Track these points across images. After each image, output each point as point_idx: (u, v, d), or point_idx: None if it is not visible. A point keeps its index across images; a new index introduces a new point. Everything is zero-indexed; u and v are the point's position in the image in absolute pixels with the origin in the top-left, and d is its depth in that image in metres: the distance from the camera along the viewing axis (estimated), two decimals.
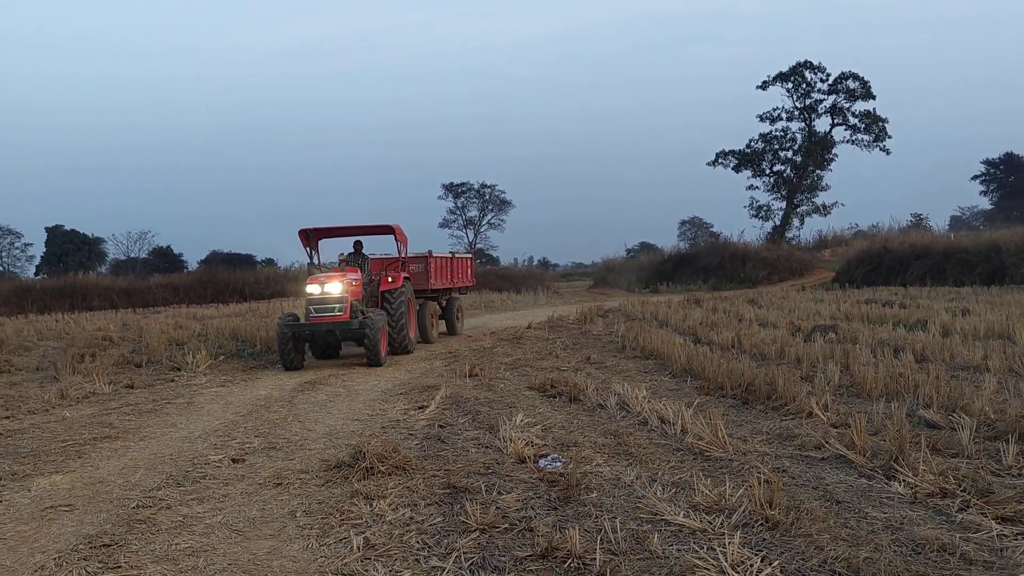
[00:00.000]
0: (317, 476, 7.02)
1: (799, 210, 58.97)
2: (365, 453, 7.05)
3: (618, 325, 19.88)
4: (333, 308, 14.56)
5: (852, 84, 56.29)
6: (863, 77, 56.02)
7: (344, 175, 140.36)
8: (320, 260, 16.85)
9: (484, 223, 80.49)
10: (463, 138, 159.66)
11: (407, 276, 17.30)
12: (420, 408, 9.94)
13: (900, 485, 5.85)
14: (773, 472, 6.21)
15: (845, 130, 57.43)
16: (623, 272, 53.55)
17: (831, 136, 57.64)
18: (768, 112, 58.86)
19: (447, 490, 6.37)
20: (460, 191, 79.32)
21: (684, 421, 8.09)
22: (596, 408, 9.53)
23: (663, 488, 6.09)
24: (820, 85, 57.10)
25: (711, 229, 75.38)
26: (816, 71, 56.86)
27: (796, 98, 58.07)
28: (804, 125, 58.45)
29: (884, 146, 56.62)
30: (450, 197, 79.58)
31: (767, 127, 59.22)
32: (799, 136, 58.55)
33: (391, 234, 17.15)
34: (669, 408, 8.74)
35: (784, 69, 57.48)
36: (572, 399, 10.10)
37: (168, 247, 72.80)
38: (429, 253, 19.64)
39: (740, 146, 59.63)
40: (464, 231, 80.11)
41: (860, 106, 56.67)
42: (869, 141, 56.86)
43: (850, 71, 56.27)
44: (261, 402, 11.26)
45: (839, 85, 56.57)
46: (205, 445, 8.50)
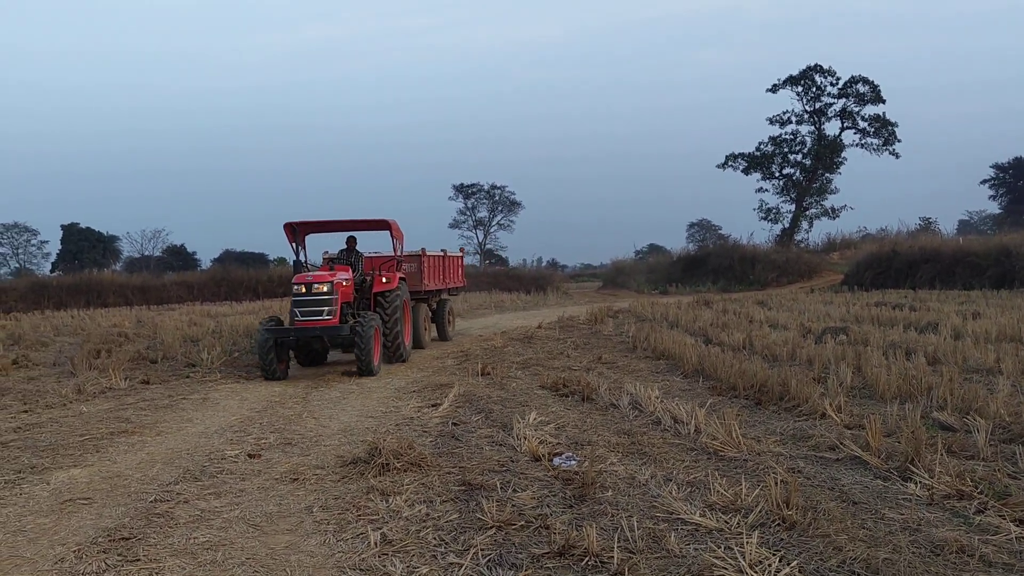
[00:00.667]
0: (333, 472, 7.06)
1: (808, 213, 58.83)
2: (381, 450, 7.09)
3: (629, 325, 19.89)
4: (321, 311, 13.02)
5: (862, 88, 56.09)
6: (873, 81, 55.87)
7: (355, 177, 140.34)
8: (307, 257, 15.21)
9: (494, 224, 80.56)
10: (473, 140, 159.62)
11: (403, 277, 15.93)
12: (433, 406, 9.98)
13: (916, 487, 5.85)
14: (788, 472, 6.22)
15: (855, 134, 57.26)
16: (632, 273, 53.48)
17: (840, 139, 57.48)
18: (778, 115, 58.73)
19: (462, 487, 6.40)
20: (470, 192, 79.38)
21: (698, 421, 8.10)
22: (609, 407, 9.55)
23: (678, 487, 6.11)
24: (830, 89, 56.90)
25: (719, 231, 75.22)
26: (826, 75, 56.69)
27: (806, 101, 57.91)
28: (814, 128, 58.27)
29: (893, 150, 56.44)
30: (460, 198, 79.69)
31: (777, 130, 59.12)
32: (809, 139, 58.40)
33: (386, 230, 15.47)
34: (682, 408, 8.75)
35: (794, 72, 57.39)
36: (585, 398, 10.13)
37: (182, 245, 73.09)
38: (423, 251, 18.15)
39: (750, 149, 59.55)
40: (474, 232, 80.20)
41: (870, 110, 56.50)
42: (878, 145, 56.66)
43: (860, 75, 56.12)
44: (276, 398, 11.32)
45: (849, 89, 56.37)
46: (221, 440, 8.55)
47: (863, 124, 56.66)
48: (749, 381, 10.19)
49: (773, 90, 58.23)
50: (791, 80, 57.35)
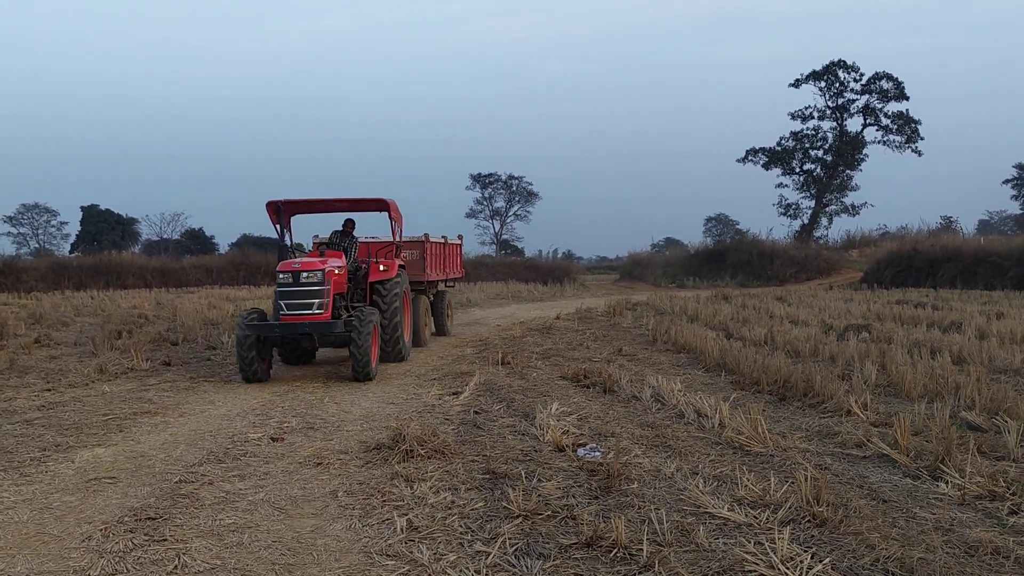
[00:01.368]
0: (356, 457, 7.05)
1: (828, 209, 58.46)
2: (405, 436, 7.07)
3: (647, 318, 19.81)
4: (311, 304, 11.22)
5: (886, 85, 55.59)
6: (897, 78, 55.34)
7: (372, 167, 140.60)
8: (293, 241, 13.46)
9: (510, 214, 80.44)
10: (491, 133, 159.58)
11: (402, 264, 14.15)
12: (454, 394, 9.96)
13: (947, 486, 5.78)
14: (816, 469, 6.16)
15: (877, 131, 56.78)
16: (649, 266, 53.33)
17: (862, 136, 57.02)
18: (800, 110, 58.30)
19: (487, 475, 6.37)
20: (488, 182, 79.27)
21: (722, 415, 8.04)
22: (631, 399, 9.50)
23: (705, 481, 6.06)
24: (853, 85, 56.44)
25: (737, 226, 74.88)
26: (850, 71, 56.20)
27: (828, 97, 57.47)
28: (836, 124, 57.83)
29: (916, 148, 55.94)
30: (477, 187, 79.59)
31: (798, 125, 58.71)
32: (830, 135, 57.96)
33: (384, 211, 13.50)
34: (706, 402, 8.70)
35: (817, 68, 56.90)
36: (606, 390, 10.08)
37: (200, 229, 73.33)
38: (426, 237, 16.41)
39: (771, 144, 59.18)
40: (490, 221, 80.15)
41: (893, 107, 56.01)
42: (901, 142, 56.16)
43: (884, 71, 55.59)
44: (297, 382, 11.34)
45: (872, 85, 55.87)
46: (244, 423, 8.57)
47: (886, 121, 56.20)
48: (772, 376, 10.11)
49: (796, 85, 57.86)
50: (814, 75, 56.92)
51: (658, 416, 8.57)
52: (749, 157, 59.52)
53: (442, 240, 17.71)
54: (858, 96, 56.68)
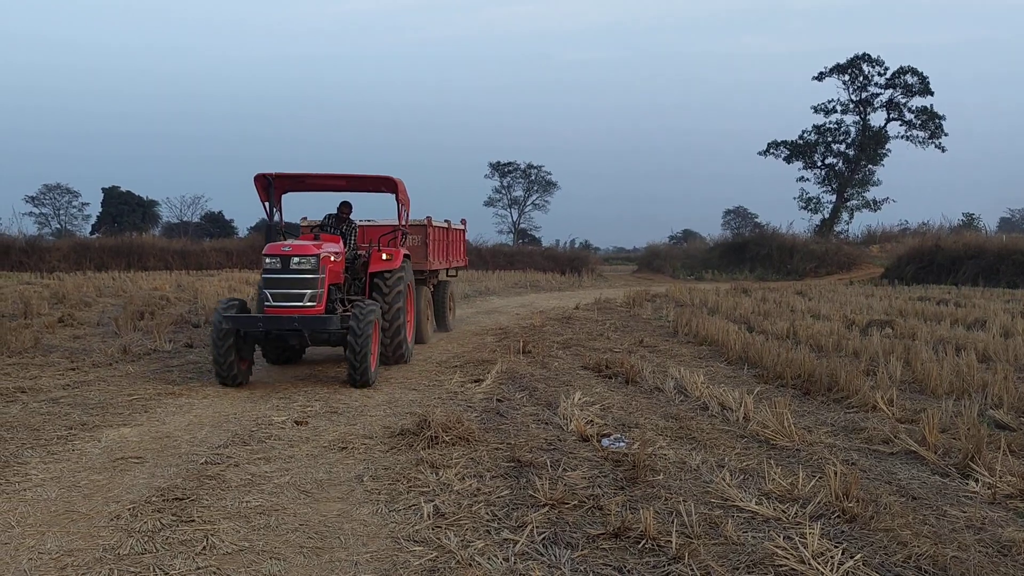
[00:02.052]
0: (381, 442, 7.06)
1: (849, 204, 57.96)
2: (430, 422, 7.08)
3: (667, 310, 19.75)
4: (302, 295, 9.58)
5: (910, 79, 54.93)
6: (922, 72, 54.69)
7: (392, 153, 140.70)
8: (282, 221, 11.73)
9: (529, 203, 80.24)
10: (512, 122, 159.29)
11: (407, 253, 12.39)
12: (476, 382, 9.95)
13: (977, 485, 5.73)
14: (844, 465, 6.12)
15: (900, 125, 56.18)
16: (667, 258, 53.10)
17: (885, 131, 56.42)
18: (823, 104, 57.71)
19: (512, 463, 6.37)
20: (507, 170, 79.06)
21: (747, 408, 8.00)
22: (654, 391, 9.47)
23: (731, 474, 6.03)
24: (877, 79, 55.82)
25: (756, 219, 74.41)
26: (874, 64, 55.55)
27: (852, 91, 56.91)
28: (859, 119, 57.27)
29: (939, 143, 55.36)
30: (496, 176, 79.41)
31: (821, 119, 58.17)
32: (853, 129, 57.40)
33: (391, 191, 11.97)
34: (730, 395, 8.66)
35: (842, 61, 56.35)
36: (628, 380, 10.05)
37: (220, 212, 73.51)
38: (428, 220, 14.72)
39: (792, 137, 58.70)
40: (508, 210, 79.94)
41: (917, 102, 55.40)
42: (925, 138, 55.51)
43: (909, 66, 54.89)
44: (319, 366, 11.37)
45: (897, 79, 55.22)
46: (267, 406, 8.60)
47: (909, 116, 55.61)
48: (796, 371, 10.05)
49: (819, 78, 57.29)
50: (838, 68, 56.33)
51: (682, 408, 8.54)
52: (770, 150, 59.09)
53: (445, 225, 16.13)
54: (882, 90, 56.09)
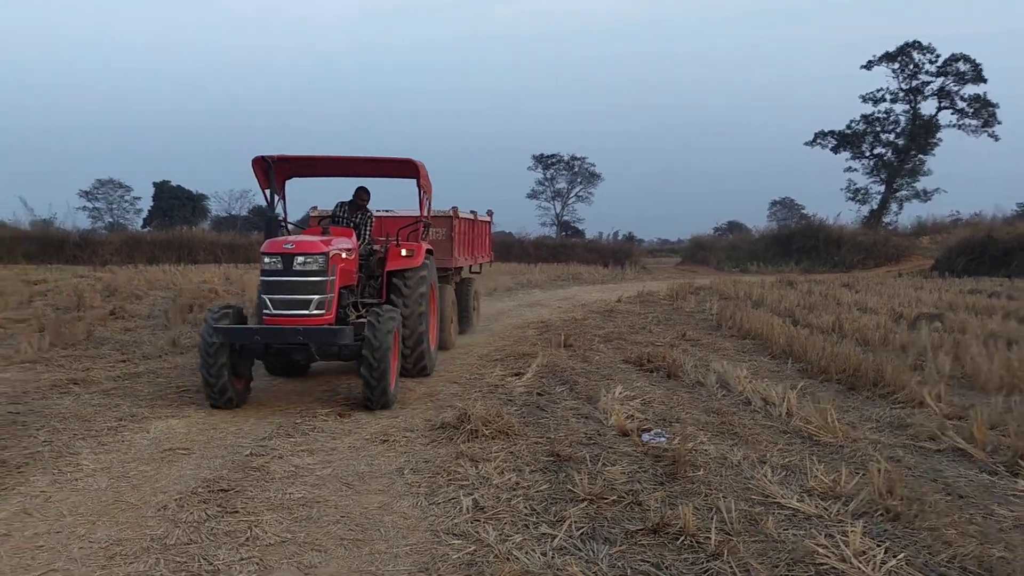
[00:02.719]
0: (422, 435, 7.12)
1: (898, 195, 56.86)
2: (470, 416, 7.12)
3: (711, 303, 19.59)
4: (307, 301, 8.05)
5: (962, 66, 53.60)
6: (974, 59, 53.34)
7: (435, 142, 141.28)
8: (285, 212, 10.17)
9: (572, 195, 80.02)
10: (555, 112, 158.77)
11: (430, 248, 10.84)
12: (517, 375, 9.97)
13: None
14: (888, 462, 6.03)
15: (952, 114, 54.88)
16: (712, 250, 52.71)
17: (936, 120, 55.16)
18: (871, 93, 56.62)
19: (551, 458, 6.38)
20: (549, 162, 78.89)
21: (790, 404, 7.92)
22: (695, 385, 9.41)
23: (773, 470, 5.98)
24: (928, 67, 54.58)
25: (803, 211, 73.36)
26: (925, 52, 54.33)
27: (902, 79, 55.74)
28: (909, 107, 56.10)
29: (993, 132, 53.97)
30: (539, 168, 79.29)
31: (870, 108, 57.10)
32: (903, 119, 56.22)
33: (412, 176, 10.22)
34: (773, 389, 8.58)
35: (891, 49, 55.21)
36: (670, 375, 10.00)
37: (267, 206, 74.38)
38: (454, 211, 13.32)
39: (840, 127, 57.71)
40: (551, 203, 79.81)
41: (970, 89, 54.04)
42: (977, 126, 54.10)
43: (961, 53, 53.52)
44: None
45: (948, 67, 53.91)
46: (310, 399, 8.72)
47: (961, 104, 54.31)
48: (841, 365, 9.92)
49: (868, 67, 56.17)
50: (887, 57, 55.17)
51: (723, 403, 8.48)
52: (817, 140, 58.19)
53: (471, 216, 14.68)
54: (933, 78, 54.85)
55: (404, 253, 9.83)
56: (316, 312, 8.09)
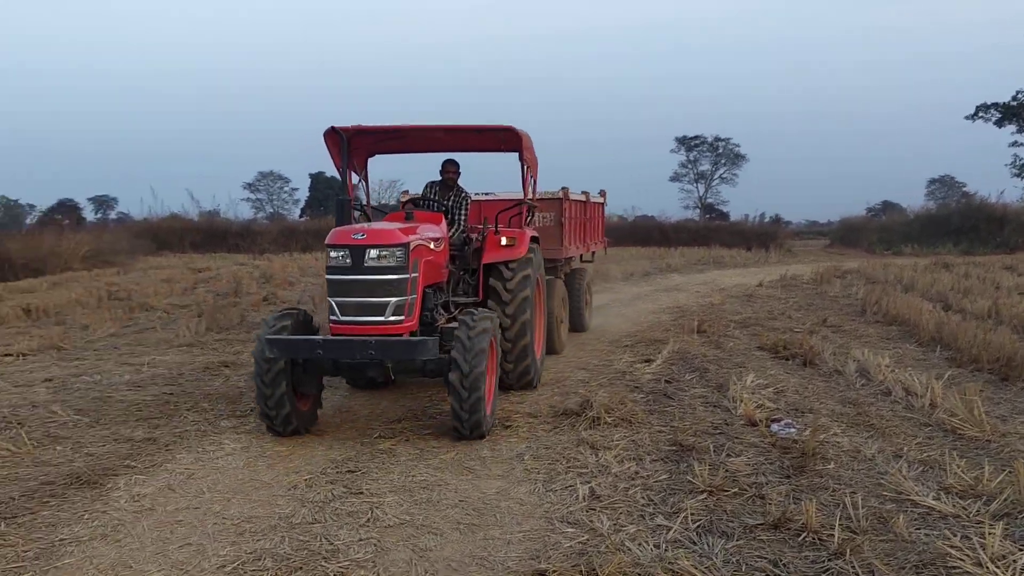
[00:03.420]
0: (545, 421, 7.15)
1: None
2: (592, 403, 7.10)
3: (857, 287, 18.73)
4: (382, 306, 6.50)
5: None
6: None
7: (577, 130, 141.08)
8: (368, 194, 9.53)
9: (716, 177, 78.23)
10: (699, 93, 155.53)
11: (535, 236, 9.09)
12: (646, 361, 9.85)
13: None
14: None
15: None
16: (863, 232, 50.31)
17: None
18: None
19: (673, 447, 6.28)
20: (693, 144, 77.38)
21: (934, 394, 7.48)
22: (833, 374, 9.04)
23: (909, 466, 5.68)
24: None
25: (964, 189, 69.02)
26: None
27: None
28: None
29: None
30: (682, 150, 77.89)
31: None
32: None
33: (513, 149, 8.55)
34: (916, 379, 8.13)
35: None
36: (806, 362, 9.64)
37: (416, 195, 76.44)
38: (564, 192, 11.47)
39: (1005, 98, 53.82)
40: (695, 185, 78.34)
41: None
42: None
43: None
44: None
45: None
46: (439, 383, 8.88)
47: None
48: (994, 353, 9.28)
49: None
50: None
51: (862, 393, 8.10)
52: (979, 114, 54.56)
53: (582, 198, 12.72)
54: None
55: (504, 242, 8.24)
56: (394, 319, 6.52)
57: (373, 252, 6.46)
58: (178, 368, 9.86)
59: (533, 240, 8.84)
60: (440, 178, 8.75)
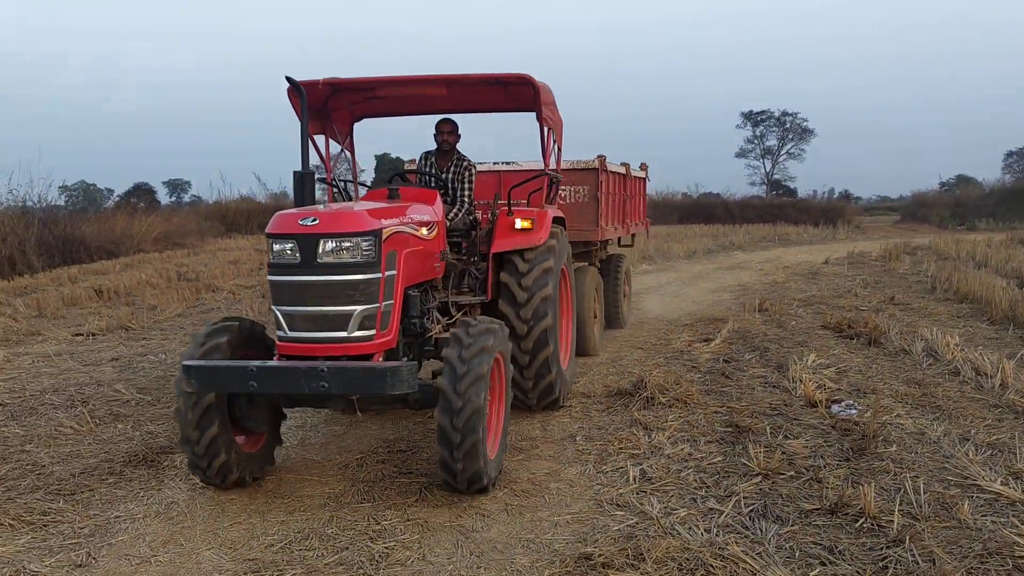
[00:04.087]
0: (599, 401, 7.06)
1: None
2: (647, 383, 6.98)
3: (927, 264, 18.15)
4: (343, 316, 4.68)
5: None
6: None
7: (642, 106, 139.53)
8: (355, 168, 8.35)
9: (783, 153, 76.52)
10: (765, 66, 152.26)
11: (559, 215, 7.26)
12: (705, 341, 9.66)
13: None
14: None
15: None
16: (935, 207, 48.76)
17: None
18: None
19: (729, 428, 6.15)
20: (759, 119, 75.72)
21: (1005, 374, 7.19)
22: (899, 353, 8.75)
23: (976, 449, 5.46)
24: None
25: None
26: None
27: None
28: None
29: None
30: (748, 126, 76.29)
31: None
32: None
33: (529, 108, 6.84)
34: (987, 358, 7.82)
35: None
36: (871, 341, 9.35)
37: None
38: (600, 162, 9.46)
39: None
40: (761, 161, 76.74)
41: None
42: None
43: None
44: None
45: None
46: None
47: None
48: None
49: None
50: None
51: (928, 372, 7.83)
52: None
53: (622, 170, 10.63)
54: None
55: (519, 225, 6.40)
56: (360, 334, 4.73)
57: (329, 244, 4.62)
58: None
59: (557, 222, 7.08)
60: (436, 146, 7.00)
